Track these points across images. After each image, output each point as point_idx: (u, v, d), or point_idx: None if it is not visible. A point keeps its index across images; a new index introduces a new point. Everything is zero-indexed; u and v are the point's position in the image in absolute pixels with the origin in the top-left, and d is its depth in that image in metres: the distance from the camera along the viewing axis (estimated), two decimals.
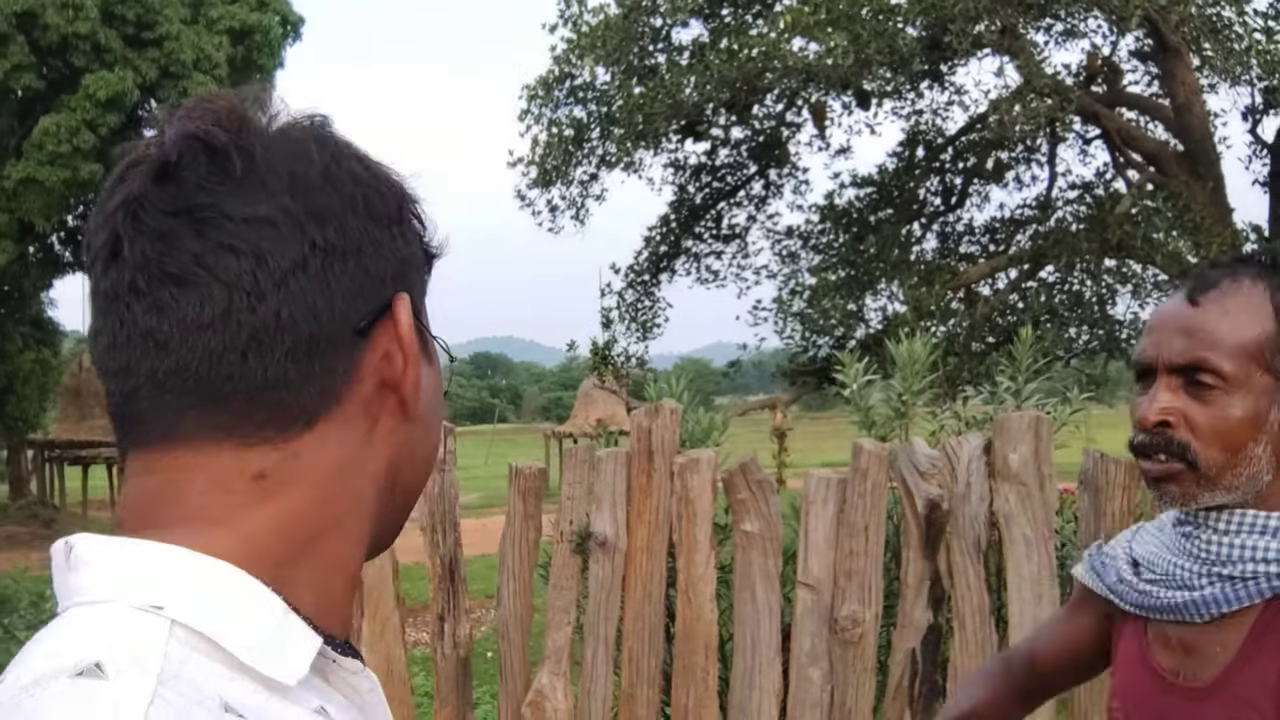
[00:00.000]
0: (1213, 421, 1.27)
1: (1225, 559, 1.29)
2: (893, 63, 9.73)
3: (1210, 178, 10.83)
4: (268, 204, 0.66)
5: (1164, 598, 1.34)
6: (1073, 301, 11.88)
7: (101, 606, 0.62)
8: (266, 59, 17.93)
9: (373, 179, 0.72)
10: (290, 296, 0.66)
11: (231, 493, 0.67)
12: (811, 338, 12.19)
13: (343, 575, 0.71)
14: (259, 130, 0.69)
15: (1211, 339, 1.27)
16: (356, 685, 0.72)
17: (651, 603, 3.35)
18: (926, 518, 3.08)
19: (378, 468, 0.72)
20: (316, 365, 0.67)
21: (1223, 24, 9.72)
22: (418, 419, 0.74)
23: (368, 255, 0.69)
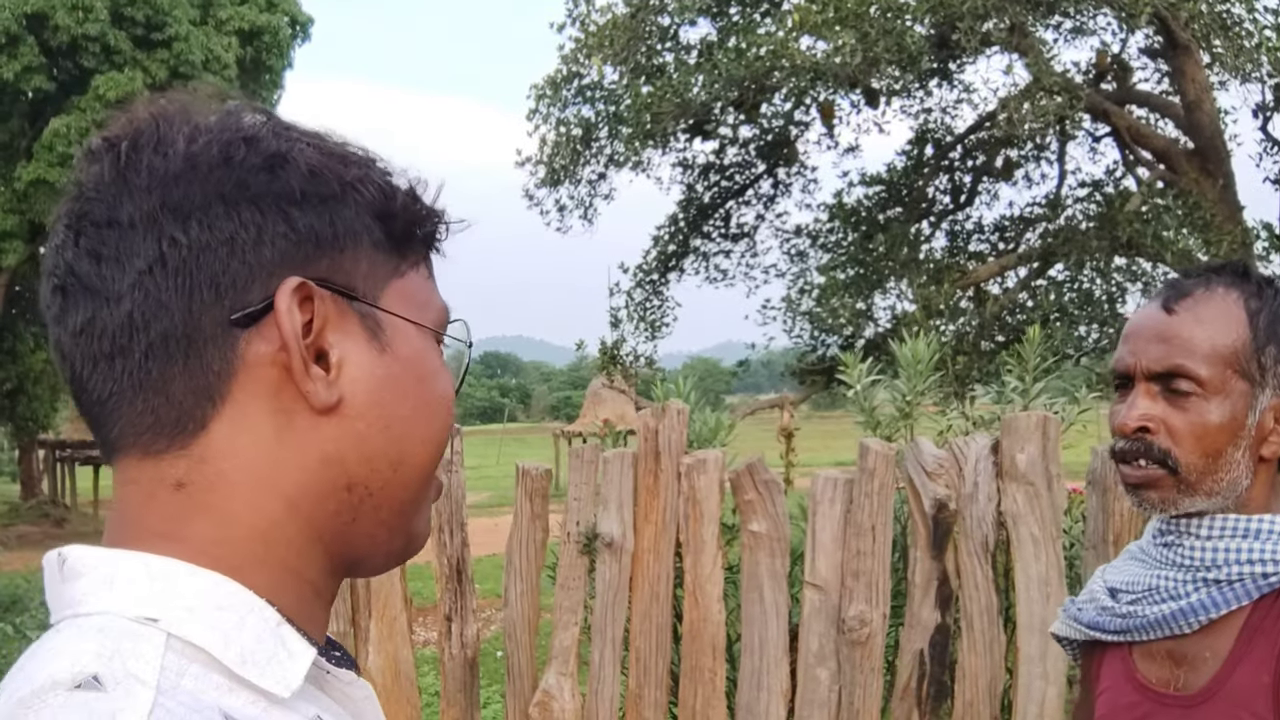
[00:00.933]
0: (1191, 427, 1.29)
1: (1210, 564, 1.29)
2: (901, 61, 9.70)
3: (1220, 175, 10.78)
4: (129, 205, 0.65)
5: (1150, 613, 1.34)
6: (1082, 300, 11.84)
7: (96, 618, 0.62)
8: (275, 60, 18.00)
9: (262, 161, 0.67)
10: (145, 297, 0.64)
11: (161, 504, 0.66)
12: (820, 337, 12.16)
13: (299, 583, 0.68)
14: (145, 132, 0.68)
15: (1188, 346, 1.29)
16: (351, 694, 0.72)
17: (659, 603, 3.35)
18: (934, 518, 3.08)
19: (308, 466, 0.67)
20: (185, 364, 0.65)
21: (1233, 21, 9.67)
22: (352, 411, 0.68)
23: (243, 244, 0.65)
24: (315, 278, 0.67)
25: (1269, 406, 1.30)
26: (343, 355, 0.68)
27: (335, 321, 0.68)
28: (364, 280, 0.70)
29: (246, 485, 0.66)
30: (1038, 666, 3.01)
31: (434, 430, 0.73)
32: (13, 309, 18.88)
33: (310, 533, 0.69)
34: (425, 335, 0.73)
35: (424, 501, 0.75)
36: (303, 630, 0.67)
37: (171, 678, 0.59)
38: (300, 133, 0.70)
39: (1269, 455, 1.31)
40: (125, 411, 0.66)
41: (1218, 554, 1.28)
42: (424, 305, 0.74)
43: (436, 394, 0.73)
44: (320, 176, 0.68)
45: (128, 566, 0.64)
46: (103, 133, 0.69)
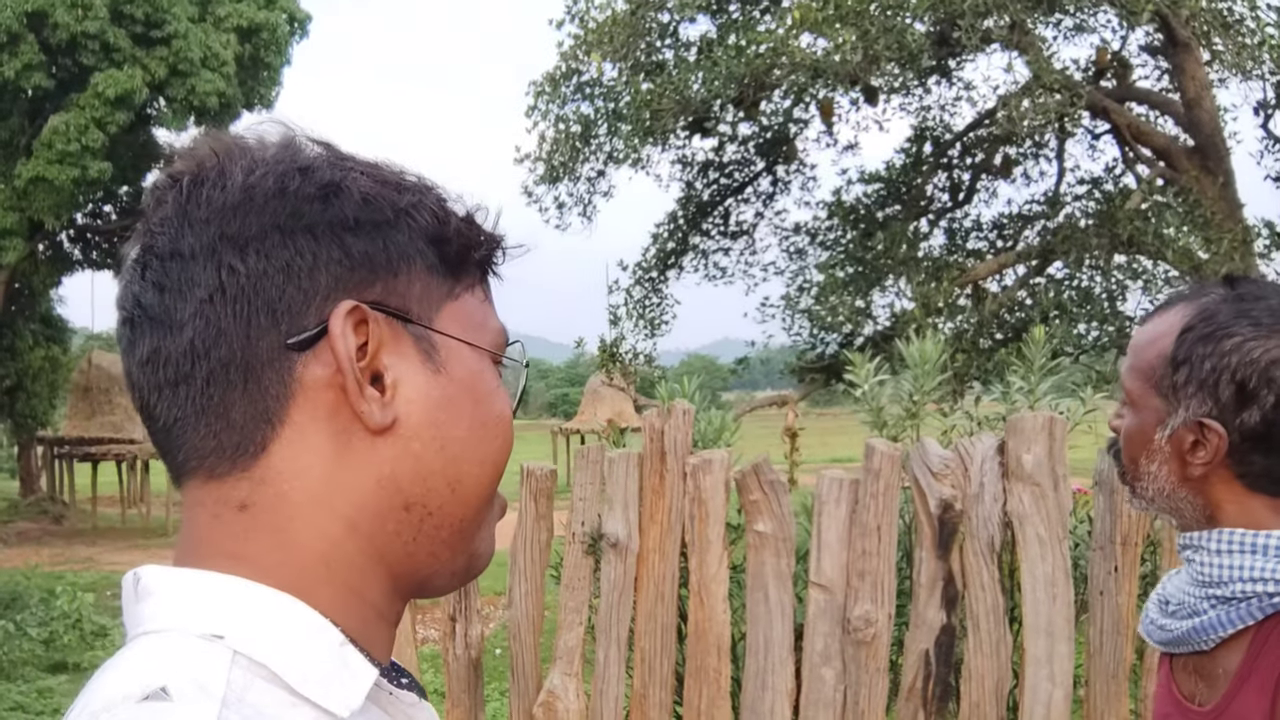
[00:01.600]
0: (1123, 431, 1.38)
1: (1219, 580, 1.28)
2: (901, 58, 9.70)
3: (1221, 173, 10.78)
4: (190, 237, 0.68)
5: (1175, 629, 1.34)
6: (1082, 298, 11.84)
7: (165, 635, 0.64)
8: (274, 57, 17.95)
9: (316, 190, 0.69)
10: (205, 325, 0.67)
11: (227, 525, 0.68)
12: (820, 334, 12.16)
13: (361, 603, 0.70)
14: (206, 165, 0.71)
15: (1131, 358, 1.37)
16: (414, 716, 0.73)
17: (664, 603, 3.35)
18: (940, 518, 3.07)
19: (365, 488, 0.69)
20: (243, 390, 0.67)
21: (1234, 18, 9.68)
22: (407, 432, 0.70)
23: (299, 270, 0.68)
24: (369, 301, 0.69)
25: (1184, 427, 1.28)
26: (398, 376, 0.70)
27: (390, 344, 0.70)
28: (418, 303, 0.71)
29: (307, 506, 0.68)
30: (1044, 668, 3.01)
31: (491, 450, 0.74)
32: (12, 306, 18.84)
33: (371, 553, 0.70)
34: (481, 356, 0.74)
35: (486, 521, 0.76)
36: (365, 651, 0.68)
37: (237, 691, 0.61)
38: (356, 162, 0.72)
39: (1195, 475, 1.30)
40: (190, 437, 0.69)
41: (1226, 570, 1.27)
42: (480, 327, 0.75)
43: (493, 414, 0.74)
44: (373, 203, 0.70)
45: (196, 585, 0.66)
46: (169, 170, 0.72)
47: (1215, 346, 1.25)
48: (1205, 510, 1.31)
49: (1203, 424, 1.26)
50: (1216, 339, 1.25)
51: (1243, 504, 1.28)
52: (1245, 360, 1.23)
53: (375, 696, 0.68)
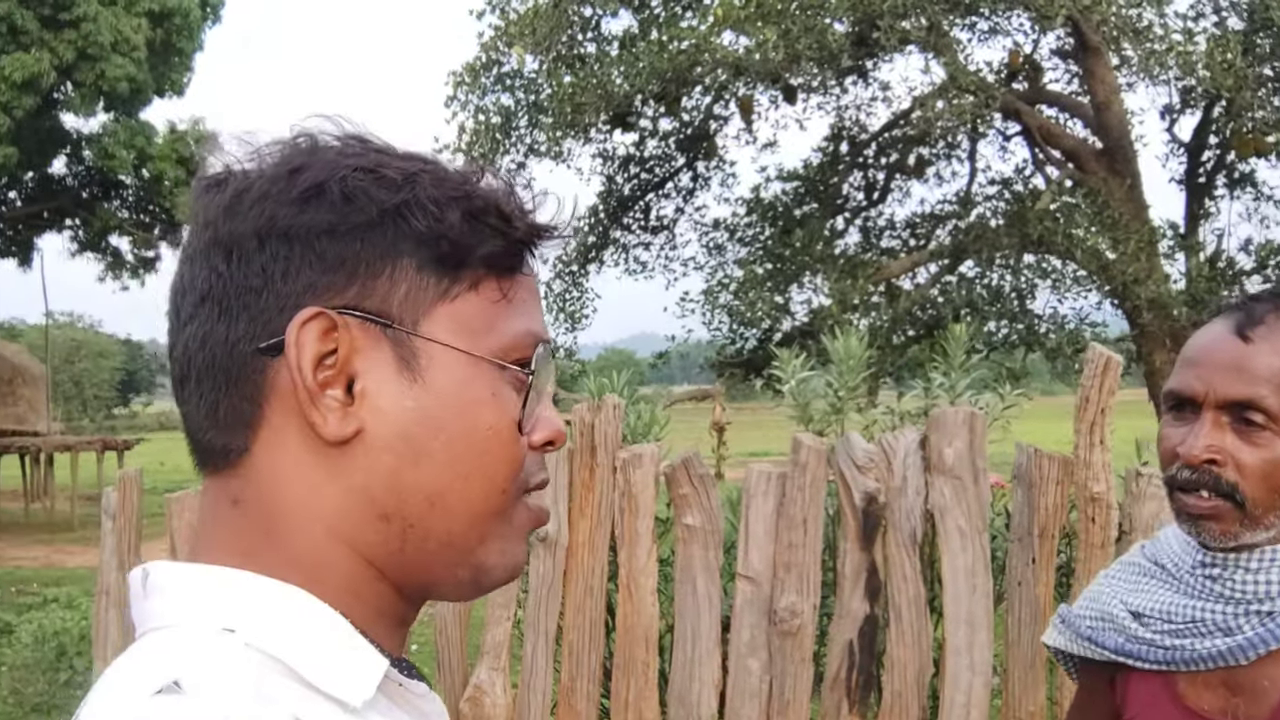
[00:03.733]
0: (1262, 463, 1.26)
1: (1264, 596, 1.28)
2: (821, 58, 9.82)
3: (1128, 175, 11.10)
4: (195, 240, 0.71)
5: (1201, 648, 1.32)
6: (992, 296, 12.11)
7: (176, 630, 0.65)
8: (185, 41, 17.57)
9: (296, 194, 0.68)
10: (198, 326, 0.69)
11: (224, 519, 0.70)
12: (739, 330, 12.28)
13: (357, 601, 0.69)
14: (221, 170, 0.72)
15: (1264, 377, 1.26)
16: (423, 708, 0.73)
17: (593, 597, 3.36)
18: (864, 510, 3.13)
19: (340, 494, 0.68)
20: (226, 391, 0.68)
21: (1143, 24, 9.96)
22: (379, 443, 0.68)
23: (274, 275, 0.68)
24: (342, 305, 0.68)
25: None
26: (368, 385, 0.68)
27: (365, 350, 0.68)
28: (401, 306, 0.69)
29: (289, 508, 0.68)
30: (964, 658, 3.09)
31: (479, 465, 0.70)
32: None
33: (358, 559, 0.69)
34: (475, 363, 0.71)
35: (491, 535, 0.72)
36: (377, 644, 0.68)
37: (249, 684, 0.61)
38: (367, 158, 0.70)
39: None
40: (194, 430, 0.71)
41: (1270, 586, 1.27)
42: (482, 330, 0.71)
43: (481, 426, 0.70)
44: (355, 203, 0.68)
45: (207, 580, 0.67)
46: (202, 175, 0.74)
47: None
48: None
49: None
50: None
51: None
52: None
53: (385, 688, 0.69)
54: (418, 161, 0.72)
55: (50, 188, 19.56)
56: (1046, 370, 13.58)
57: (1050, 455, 3.07)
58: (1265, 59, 10.73)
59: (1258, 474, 1.25)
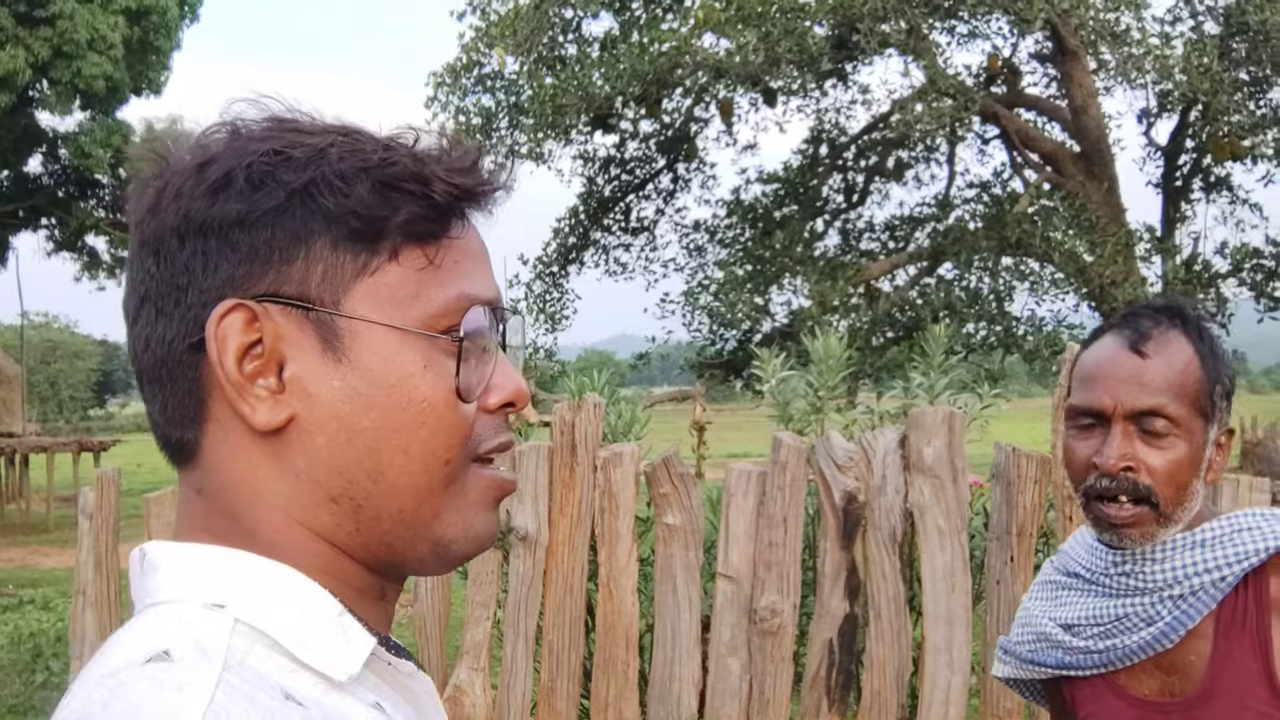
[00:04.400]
0: (1168, 465, 1.37)
1: (1171, 582, 1.38)
2: (801, 61, 9.85)
3: (1105, 178, 11.18)
4: (130, 243, 0.72)
5: (1131, 642, 1.41)
6: (970, 298, 12.18)
7: (169, 605, 0.66)
8: (163, 40, 17.46)
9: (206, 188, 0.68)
10: (138, 326, 0.70)
11: (194, 508, 0.71)
12: (719, 331, 12.31)
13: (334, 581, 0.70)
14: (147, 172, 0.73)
15: (1164, 388, 1.38)
16: (411, 686, 0.74)
17: (572, 596, 3.36)
18: (844, 510, 3.15)
19: (287, 480, 0.69)
20: (170, 388, 0.69)
21: (1121, 29, 10.03)
22: (315, 428, 0.68)
23: (196, 271, 0.68)
24: (260, 294, 0.67)
25: (1214, 438, 1.41)
26: (296, 371, 0.68)
27: (289, 335, 0.68)
28: (320, 286, 0.68)
29: (245, 497, 0.69)
30: (943, 655, 3.10)
31: (416, 438, 0.69)
32: None
33: (319, 541, 0.70)
34: (403, 336, 0.69)
35: (443, 509, 0.71)
36: (364, 622, 0.69)
37: (237, 656, 0.62)
38: (266, 139, 0.69)
39: (1211, 480, 1.42)
40: (155, 427, 0.72)
41: (1176, 572, 1.38)
42: (408, 300, 0.69)
43: (414, 398, 0.69)
44: (263, 189, 0.67)
45: (199, 557, 0.68)
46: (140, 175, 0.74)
47: (1221, 362, 1.41)
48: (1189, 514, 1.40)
49: (1230, 430, 1.43)
50: (1218, 353, 1.41)
51: None
52: (1229, 371, 1.42)
53: (373, 665, 0.69)
54: (331, 134, 0.70)
55: (26, 186, 19.40)
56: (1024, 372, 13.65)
57: (1028, 454, 3.09)
58: (1241, 63, 10.84)
59: (1165, 475, 1.37)
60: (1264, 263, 12.00)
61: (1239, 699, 1.35)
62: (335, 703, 0.65)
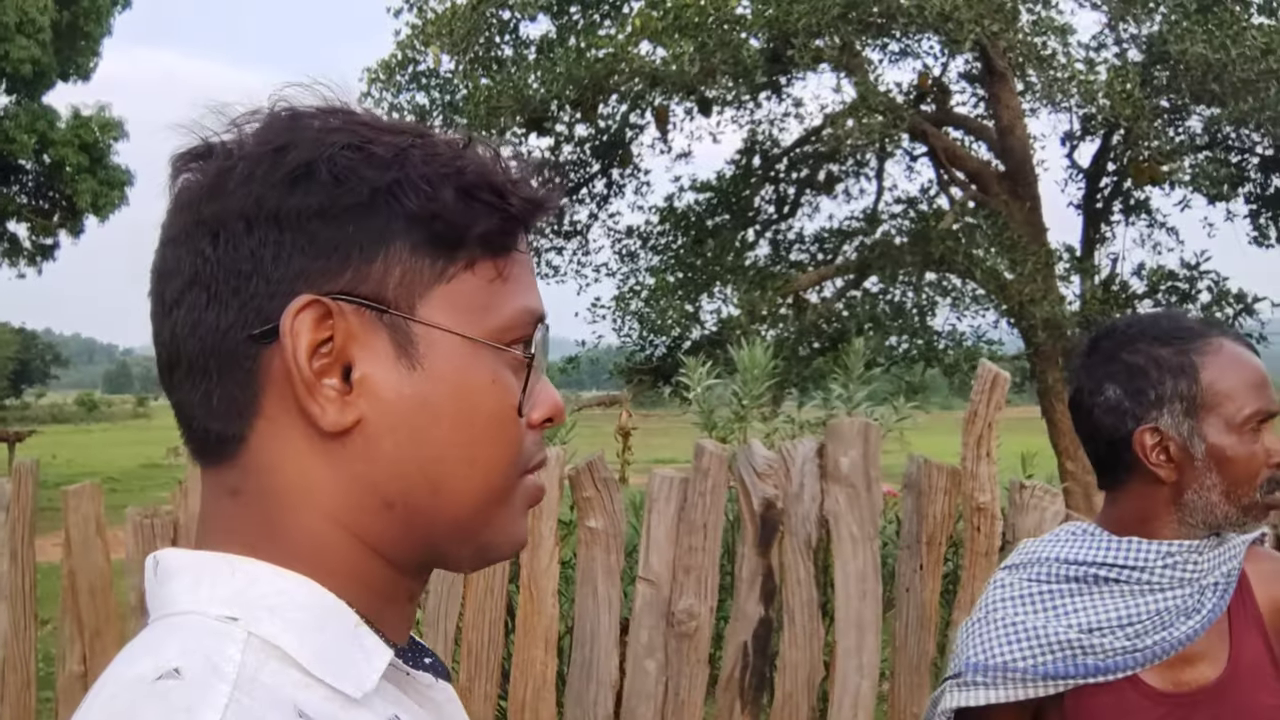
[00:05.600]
0: None
1: (1210, 569, 1.48)
2: (736, 72, 9.96)
3: (1029, 198, 11.44)
4: (177, 222, 0.68)
5: (1172, 637, 1.46)
6: (895, 312, 12.38)
7: (181, 618, 0.64)
8: (93, 26, 17.15)
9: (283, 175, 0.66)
10: (183, 314, 0.66)
11: (224, 510, 0.68)
12: (649, 337, 12.38)
13: (363, 587, 0.68)
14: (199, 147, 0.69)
15: None
16: (433, 696, 0.73)
17: (493, 597, 3.40)
18: (762, 516, 3.22)
19: (341, 483, 0.67)
20: (218, 380, 0.66)
21: (1047, 52, 10.28)
22: (382, 433, 0.66)
23: (265, 259, 0.65)
24: (336, 291, 0.65)
25: None
26: (367, 372, 0.66)
27: (362, 336, 0.66)
28: (397, 290, 0.67)
29: (289, 499, 0.67)
30: (854, 659, 3.19)
31: (483, 451, 0.69)
32: None
33: (360, 545, 0.68)
34: (475, 347, 0.69)
35: (495, 518, 0.72)
36: (380, 632, 0.68)
37: (249, 672, 0.61)
38: (353, 133, 0.68)
39: None
40: (187, 420, 0.69)
41: (1213, 560, 1.47)
42: (481, 310, 0.69)
43: (484, 411, 0.69)
44: (346, 184, 0.66)
45: (213, 568, 0.66)
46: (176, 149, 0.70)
47: None
48: None
49: None
50: None
51: None
52: None
53: (393, 677, 0.68)
54: (407, 135, 0.69)
55: None
56: (945, 385, 13.90)
57: (939, 465, 3.19)
58: (1162, 90, 11.15)
59: None
60: (1179, 285, 12.37)
61: (1257, 676, 1.45)
62: (351, 718, 0.63)
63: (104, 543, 3.42)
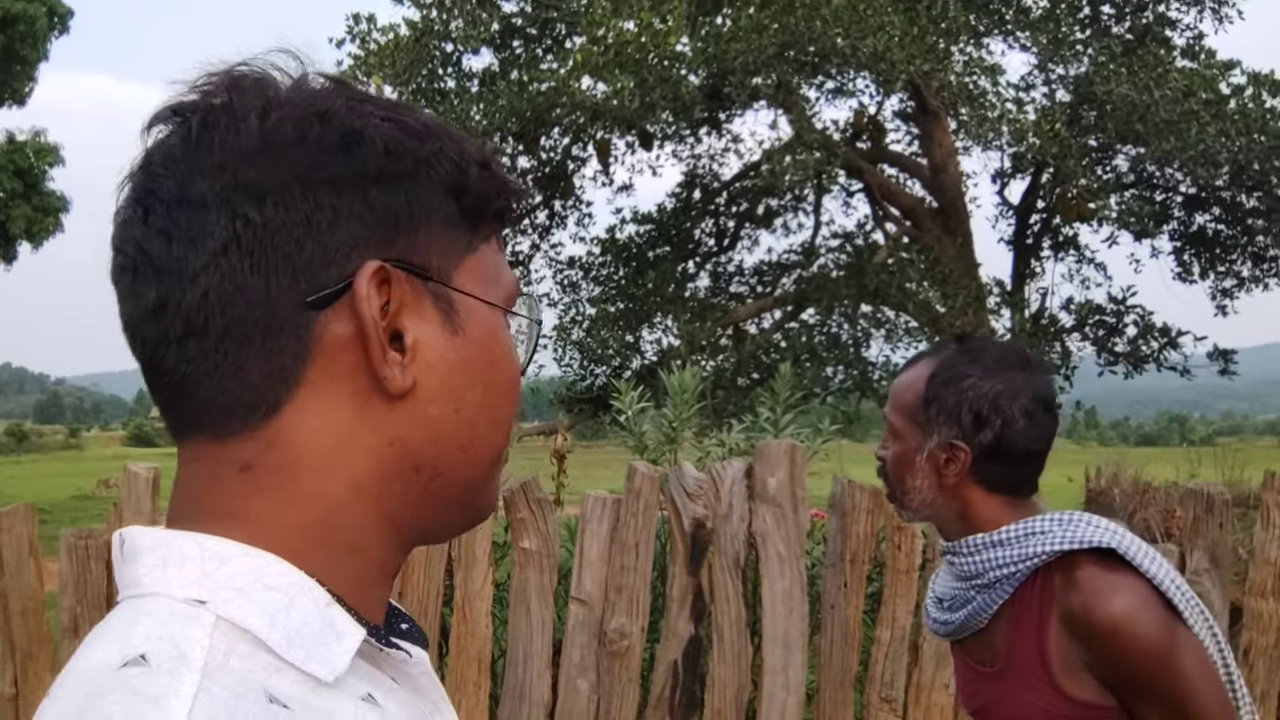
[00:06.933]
0: (891, 459, 1.75)
1: (977, 573, 1.67)
2: (675, 108, 10.13)
3: (960, 234, 11.72)
4: (201, 183, 0.64)
5: (954, 619, 1.73)
6: (831, 343, 12.59)
7: (149, 600, 0.63)
8: (29, 50, 16.96)
9: (338, 139, 0.66)
10: (220, 278, 0.63)
11: (225, 485, 0.66)
12: (590, 366, 12.47)
13: (364, 562, 0.69)
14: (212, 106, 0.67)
15: (894, 400, 1.76)
16: (407, 670, 0.72)
17: (427, 619, 3.43)
18: (693, 536, 3.30)
19: (377, 449, 0.68)
20: (259, 347, 0.64)
21: (978, 91, 10.57)
22: (424, 395, 0.68)
23: (320, 225, 0.64)
24: (391, 259, 0.66)
25: (938, 448, 1.68)
26: (417, 338, 0.68)
27: (410, 304, 0.67)
28: (438, 259, 0.69)
29: (314, 468, 0.66)
30: (780, 676, 3.27)
31: (504, 413, 0.73)
32: None
33: (376, 513, 0.69)
34: (496, 314, 0.72)
35: (493, 478, 0.75)
36: (354, 611, 0.67)
37: (218, 658, 0.59)
38: (374, 106, 0.69)
39: (949, 484, 1.69)
40: (198, 393, 0.66)
41: (979, 564, 1.66)
42: (494, 280, 0.73)
43: (506, 376, 0.73)
44: (395, 154, 0.67)
45: (181, 548, 0.64)
46: (169, 102, 0.68)
47: (955, 387, 1.66)
48: (958, 512, 1.70)
49: (952, 444, 1.66)
50: (955, 381, 1.67)
51: (986, 504, 1.68)
52: (978, 395, 1.65)
53: (366, 654, 0.67)
54: (413, 111, 0.71)
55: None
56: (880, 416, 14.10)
57: (861, 486, 3.29)
58: (1089, 130, 11.50)
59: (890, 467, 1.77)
60: (1105, 319, 12.71)
61: (1025, 674, 1.62)
62: (323, 700, 0.62)
63: (37, 564, 3.42)
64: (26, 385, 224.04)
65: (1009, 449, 1.65)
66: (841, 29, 9.50)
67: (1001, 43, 11.79)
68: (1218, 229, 13.48)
